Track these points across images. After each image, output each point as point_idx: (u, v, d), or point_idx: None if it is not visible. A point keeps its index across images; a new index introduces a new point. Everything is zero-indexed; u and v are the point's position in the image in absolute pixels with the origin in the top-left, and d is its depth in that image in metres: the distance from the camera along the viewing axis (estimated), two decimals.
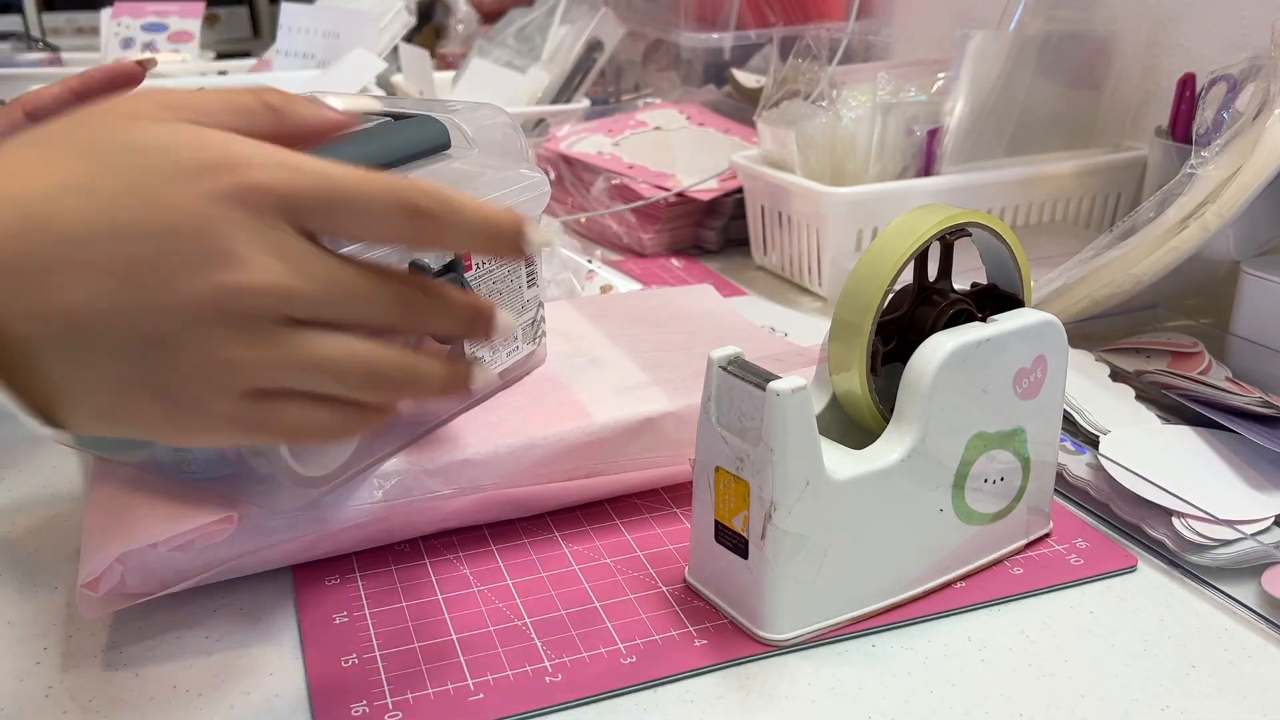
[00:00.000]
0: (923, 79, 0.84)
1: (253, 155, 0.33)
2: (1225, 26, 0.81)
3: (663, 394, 0.54)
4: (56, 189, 0.31)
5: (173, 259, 0.32)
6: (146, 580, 0.45)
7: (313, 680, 0.43)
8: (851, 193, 0.80)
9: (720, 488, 0.44)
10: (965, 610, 0.47)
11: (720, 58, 1.22)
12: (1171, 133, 0.75)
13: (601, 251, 0.94)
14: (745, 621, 0.45)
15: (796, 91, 0.87)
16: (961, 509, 0.47)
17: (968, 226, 0.46)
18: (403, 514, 0.49)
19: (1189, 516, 0.50)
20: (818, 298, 0.86)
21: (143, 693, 0.42)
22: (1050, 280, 0.68)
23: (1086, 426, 0.58)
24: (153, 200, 0.32)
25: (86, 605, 0.44)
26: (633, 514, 0.54)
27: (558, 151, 1.03)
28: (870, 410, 0.47)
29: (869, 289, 0.45)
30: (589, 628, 0.45)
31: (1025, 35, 0.82)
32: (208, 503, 0.45)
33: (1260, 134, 0.61)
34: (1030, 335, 0.47)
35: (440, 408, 0.52)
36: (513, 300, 0.55)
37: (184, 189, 0.32)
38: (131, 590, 0.45)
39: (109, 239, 0.31)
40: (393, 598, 0.48)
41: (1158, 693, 0.42)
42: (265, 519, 0.46)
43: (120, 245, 0.31)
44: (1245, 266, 0.66)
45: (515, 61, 1.23)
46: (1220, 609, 0.47)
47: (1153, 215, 0.64)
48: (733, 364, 0.43)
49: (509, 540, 0.52)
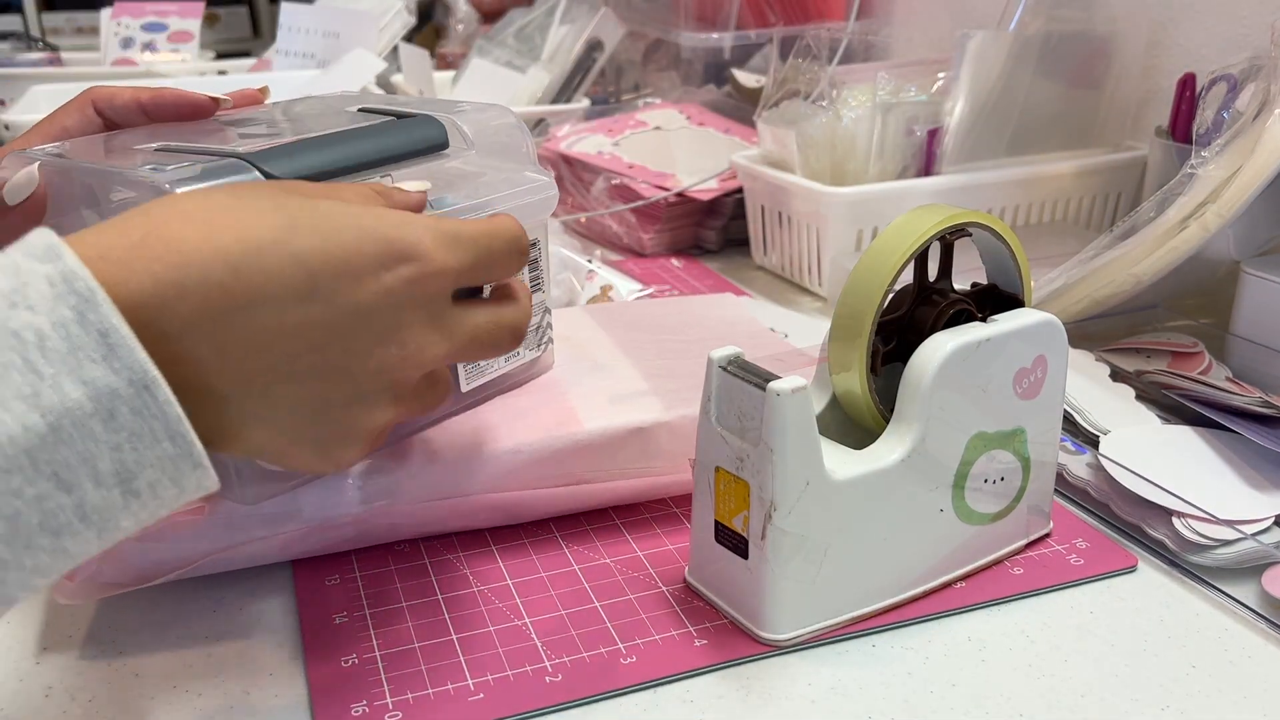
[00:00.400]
0: (923, 79, 0.84)
1: (424, 235, 0.36)
2: (1225, 26, 0.81)
3: (659, 403, 0.53)
4: (259, 245, 0.32)
5: (359, 334, 0.34)
6: (124, 571, 0.45)
7: (313, 680, 0.43)
8: (851, 193, 0.80)
9: (720, 488, 0.44)
10: (965, 610, 0.47)
11: (720, 58, 1.22)
12: (1171, 133, 0.75)
13: (601, 251, 0.94)
14: (745, 621, 0.45)
15: (796, 91, 0.87)
16: (961, 509, 0.47)
17: (968, 226, 0.46)
18: (383, 516, 0.49)
19: (1189, 516, 0.50)
20: (818, 298, 0.86)
21: (143, 693, 0.42)
22: (1050, 280, 0.68)
23: (1086, 426, 0.58)
24: (341, 269, 0.34)
25: (62, 593, 0.44)
26: (633, 514, 0.54)
27: (558, 151, 1.03)
28: (870, 410, 0.47)
29: (869, 289, 0.45)
30: (589, 628, 0.45)
31: (1025, 35, 0.82)
32: None
33: (1260, 134, 0.61)
34: (1030, 335, 0.47)
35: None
36: None
37: (370, 266, 0.34)
38: (109, 580, 0.45)
39: (305, 302, 0.33)
40: (393, 598, 0.48)
41: (1158, 693, 0.42)
42: (241, 516, 0.46)
43: (314, 311, 0.33)
44: (1245, 266, 0.66)
45: (515, 61, 1.23)
46: (1220, 609, 0.47)
47: (1153, 215, 0.64)
48: (733, 364, 0.43)
49: (509, 540, 0.52)
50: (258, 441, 0.34)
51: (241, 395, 0.33)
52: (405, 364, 0.36)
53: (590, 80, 1.22)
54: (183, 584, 0.49)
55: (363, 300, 0.34)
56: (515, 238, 0.40)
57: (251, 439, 0.34)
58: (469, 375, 0.52)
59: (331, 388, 0.35)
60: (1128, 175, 0.89)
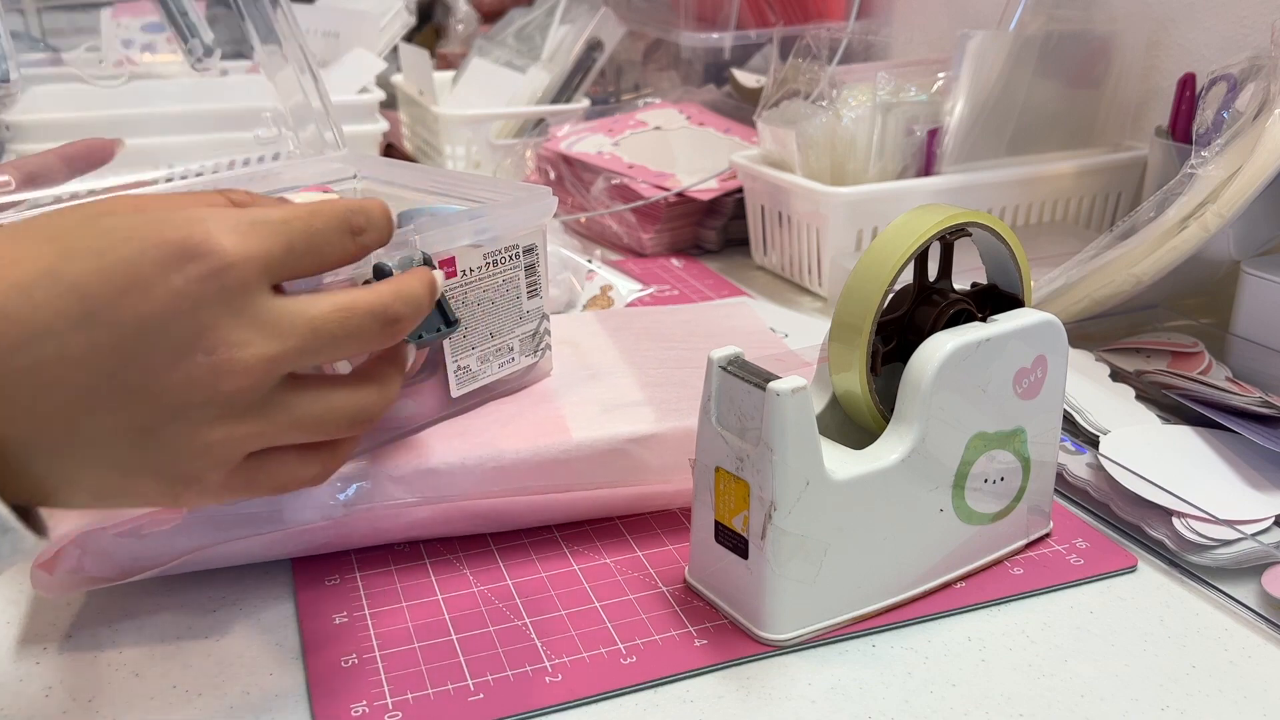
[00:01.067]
0: (923, 79, 0.84)
1: (214, 228, 0.33)
2: (1225, 26, 0.81)
3: (652, 414, 0.52)
4: (26, 280, 0.31)
5: (154, 348, 0.32)
6: (105, 565, 0.45)
7: (313, 680, 0.43)
8: (851, 193, 0.80)
9: (720, 488, 0.44)
10: (965, 610, 0.47)
11: (720, 57, 1.22)
12: (1171, 133, 0.75)
13: (601, 251, 0.94)
14: (745, 621, 0.45)
15: (796, 91, 0.87)
16: (962, 509, 0.47)
17: (968, 226, 0.46)
18: (365, 519, 0.48)
19: (1189, 516, 0.50)
20: (818, 298, 0.86)
21: (143, 693, 0.42)
22: (1050, 280, 0.68)
23: (1086, 426, 0.58)
24: (124, 285, 0.31)
25: (40, 585, 0.44)
26: (633, 515, 0.54)
27: (558, 151, 1.03)
28: (870, 410, 0.47)
29: (869, 289, 0.45)
30: (589, 628, 0.45)
31: (1025, 35, 0.82)
32: None
33: (1260, 134, 0.61)
34: (1030, 335, 0.47)
35: (416, 415, 0.51)
36: (509, 312, 0.54)
37: (154, 274, 0.32)
38: (90, 574, 0.45)
39: (85, 328, 0.31)
40: (393, 598, 0.48)
41: (1158, 693, 0.42)
42: (221, 515, 0.46)
43: (98, 335, 0.31)
44: (1245, 266, 0.66)
45: (515, 61, 1.23)
46: (1220, 609, 0.47)
47: (1153, 215, 0.64)
48: (733, 364, 0.43)
49: (509, 540, 0.52)
50: (90, 484, 0.33)
51: (45, 439, 0.31)
52: (220, 371, 0.33)
53: (590, 80, 1.22)
54: (182, 584, 0.49)
55: (150, 312, 0.31)
56: (340, 216, 0.36)
57: (81, 482, 0.32)
58: (459, 381, 0.52)
59: (142, 411, 0.32)
60: (1128, 175, 0.89)
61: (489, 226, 0.52)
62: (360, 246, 0.37)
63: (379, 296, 0.37)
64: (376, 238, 0.39)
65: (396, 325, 0.38)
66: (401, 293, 0.38)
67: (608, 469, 0.51)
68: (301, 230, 0.35)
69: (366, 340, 0.37)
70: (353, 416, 0.37)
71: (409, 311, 0.38)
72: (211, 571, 0.49)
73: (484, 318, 0.53)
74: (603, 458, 0.51)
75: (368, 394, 0.38)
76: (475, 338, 0.53)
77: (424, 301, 0.39)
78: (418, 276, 0.40)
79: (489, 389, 0.55)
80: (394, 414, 0.51)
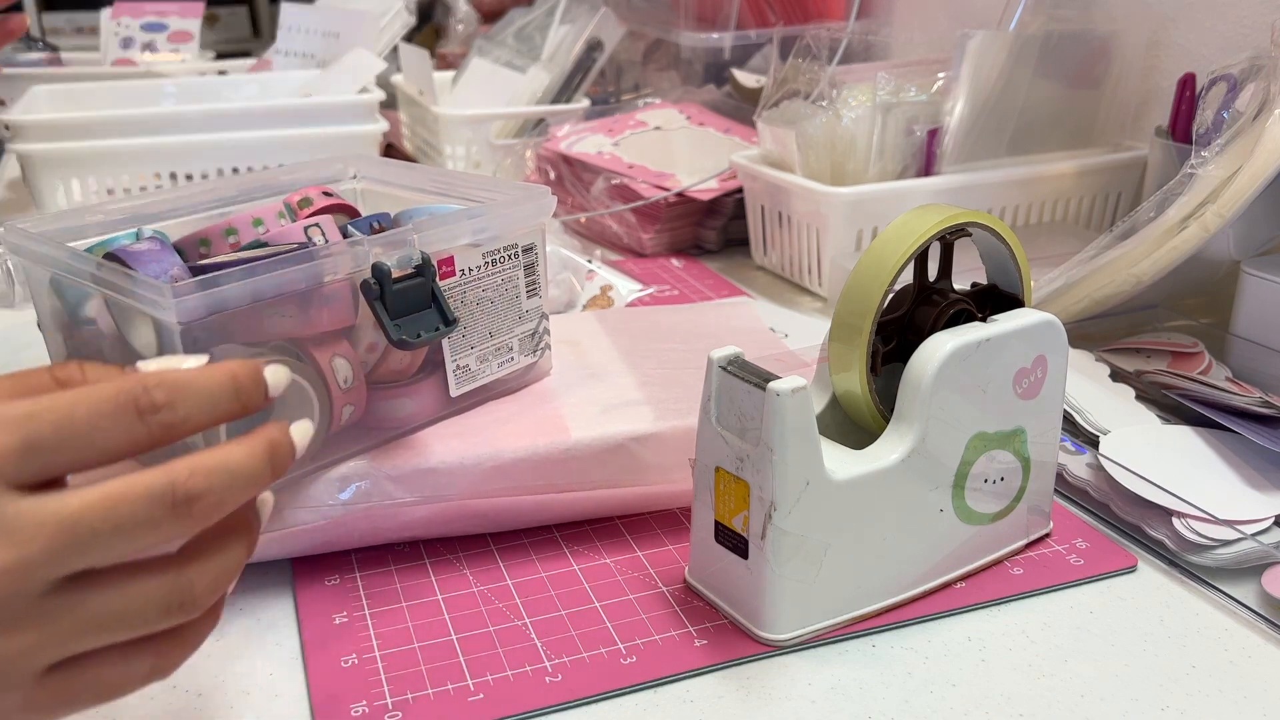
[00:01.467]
0: (923, 79, 0.84)
1: None
2: (1225, 26, 0.81)
3: (650, 414, 0.52)
4: None
5: None
6: None
7: (313, 680, 0.43)
8: (851, 193, 0.80)
9: (720, 488, 0.44)
10: (965, 610, 0.47)
11: (720, 58, 1.22)
12: (1171, 133, 0.75)
13: (601, 251, 0.94)
14: (745, 621, 0.45)
15: (796, 91, 0.87)
16: (962, 509, 0.47)
17: (968, 226, 0.46)
18: (363, 519, 0.48)
19: (1189, 516, 0.50)
20: (818, 298, 0.86)
21: (143, 692, 0.42)
22: (1050, 280, 0.68)
23: (1086, 426, 0.58)
24: None
25: None
26: (633, 515, 0.54)
27: (558, 151, 1.03)
28: (870, 410, 0.47)
29: (869, 289, 0.45)
30: (589, 628, 0.45)
31: (1025, 35, 0.82)
32: None
33: (1260, 134, 0.61)
34: (1030, 335, 0.47)
35: (415, 414, 0.51)
36: (508, 311, 0.54)
37: None
38: None
39: None
40: (393, 598, 0.48)
41: (1158, 693, 0.42)
42: None
43: None
44: (1245, 266, 0.66)
45: (515, 61, 1.23)
46: (1220, 609, 0.47)
47: (1153, 215, 0.64)
48: (733, 364, 0.43)
49: (509, 540, 0.52)
50: None
51: None
52: None
53: (590, 80, 1.22)
54: None
55: None
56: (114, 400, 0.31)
57: None
58: (458, 380, 0.52)
59: None
60: (1128, 175, 0.89)
61: (487, 226, 0.52)
62: (163, 427, 0.32)
63: (164, 475, 0.32)
64: (194, 416, 0.33)
65: (195, 505, 0.32)
66: (200, 466, 0.32)
67: (607, 469, 0.51)
68: (51, 422, 0.30)
69: (155, 529, 0.31)
70: (168, 605, 0.32)
71: (211, 485, 0.32)
72: None
73: (483, 317, 0.53)
74: (602, 457, 0.51)
75: (190, 574, 0.33)
76: (474, 337, 0.53)
77: (237, 471, 0.33)
78: (233, 446, 0.34)
79: (488, 388, 0.55)
80: (393, 414, 0.51)
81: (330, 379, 0.47)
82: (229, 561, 0.34)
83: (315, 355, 0.46)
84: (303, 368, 0.46)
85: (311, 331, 0.46)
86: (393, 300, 0.47)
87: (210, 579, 0.33)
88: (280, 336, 0.46)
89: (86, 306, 0.49)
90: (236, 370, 0.34)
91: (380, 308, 0.46)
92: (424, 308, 0.48)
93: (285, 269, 0.44)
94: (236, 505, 0.33)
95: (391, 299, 0.47)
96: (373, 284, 0.46)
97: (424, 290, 0.48)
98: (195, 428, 0.33)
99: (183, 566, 0.33)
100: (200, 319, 0.42)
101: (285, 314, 0.45)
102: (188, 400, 0.33)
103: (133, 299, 0.43)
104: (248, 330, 0.45)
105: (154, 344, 0.46)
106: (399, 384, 0.51)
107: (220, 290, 0.42)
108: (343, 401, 0.48)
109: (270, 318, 0.45)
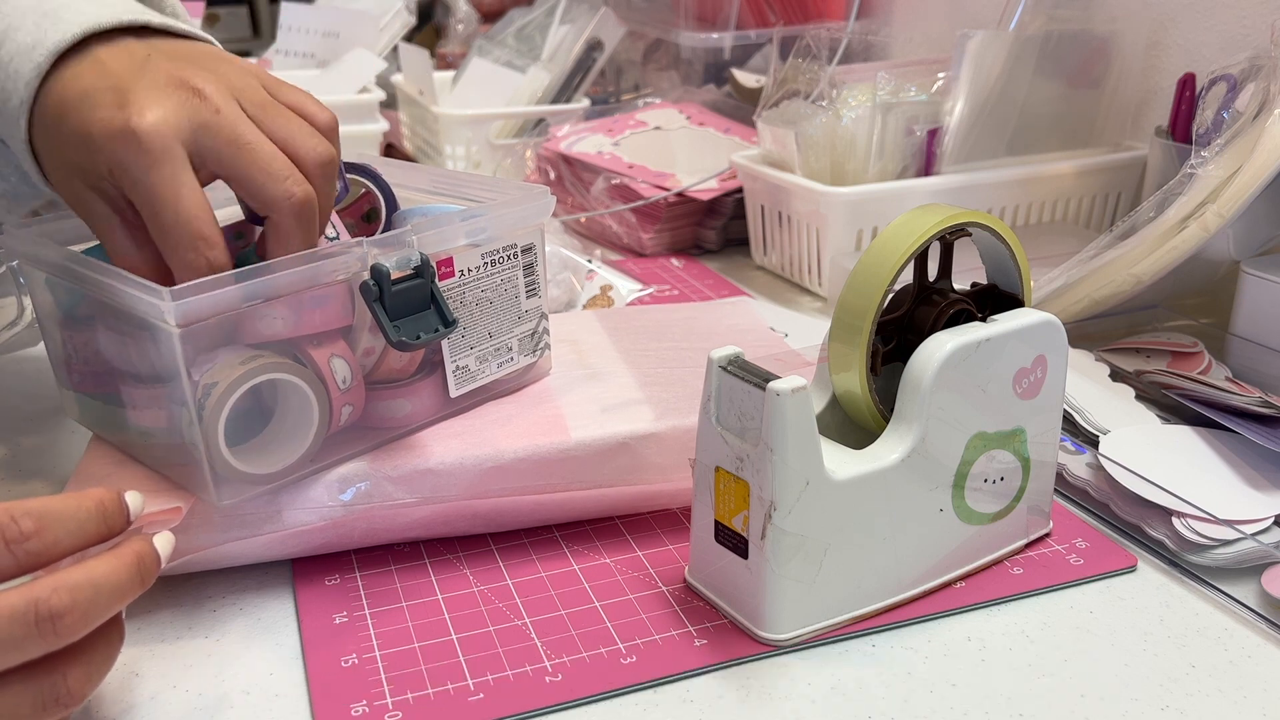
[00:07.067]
0: (923, 79, 0.84)
1: None
2: (1225, 26, 0.81)
3: (650, 413, 0.52)
4: None
5: None
6: None
7: (313, 680, 0.43)
8: (851, 193, 0.80)
9: (720, 488, 0.44)
10: (965, 610, 0.47)
11: (720, 57, 1.22)
12: (1171, 133, 0.75)
13: (601, 251, 0.94)
14: (745, 621, 0.45)
15: (796, 91, 0.87)
16: (961, 509, 0.47)
17: (968, 226, 0.46)
18: (364, 520, 0.48)
19: (1189, 516, 0.50)
20: (818, 298, 0.86)
21: (143, 692, 0.42)
22: (1050, 280, 0.68)
23: (1086, 426, 0.58)
24: None
25: None
26: (633, 514, 0.54)
27: (558, 151, 1.03)
28: (870, 410, 0.47)
29: (869, 289, 0.45)
30: (589, 628, 0.45)
31: (1025, 35, 0.82)
32: (169, 493, 0.46)
33: (1260, 134, 0.61)
34: (1030, 335, 0.47)
35: (414, 415, 0.51)
36: (508, 311, 0.54)
37: None
38: None
39: None
40: (393, 597, 0.48)
41: (1158, 693, 0.42)
42: (220, 515, 0.46)
43: None
44: (1245, 266, 0.66)
45: (515, 61, 1.23)
46: (1220, 609, 0.47)
47: (1153, 215, 0.64)
48: (733, 364, 0.43)
49: (509, 540, 0.52)
50: None
51: None
52: None
53: (590, 80, 1.22)
54: (183, 584, 0.49)
55: None
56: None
57: None
58: (458, 380, 0.52)
59: None
60: (1128, 175, 0.89)
61: (486, 226, 0.52)
62: (30, 555, 0.32)
63: (26, 595, 0.32)
64: (63, 541, 0.33)
65: (59, 622, 0.32)
66: (64, 583, 0.32)
67: (607, 468, 0.51)
68: None
69: (18, 648, 0.32)
70: (44, 704, 0.33)
71: (75, 601, 0.32)
72: (211, 571, 0.49)
73: (482, 318, 0.53)
74: (602, 457, 0.51)
75: (63, 671, 0.33)
76: (473, 338, 0.53)
77: (102, 585, 0.33)
78: (98, 561, 0.34)
79: (488, 389, 0.55)
80: (392, 414, 0.51)
81: (329, 379, 0.47)
82: (100, 656, 0.35)
83: (313, 356, 0.46)
84: (301, 369, 0.46)
85: (309, 332, 0.46)
86: (392, 301, 0.47)
87: (83, 672, 0.34)
88: (278, 338, 0.46)
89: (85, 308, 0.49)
90: (102, 497, 0.36)
91: (379, 309, 0.46)
92: (423, 309, 0.48)
93: (284, 271, 0.44)
94: (105, 618, 0.34)
95: (390, 300, 0.47)
96: (372, 285, 0.46)
97: (423, 291, 0.48)
98: (64, 553, 0.34)
99: (54, 665, 0.33)
100: (198, 322, 0.42)
101: (283, 315, 0.45)
102: (54, 527, 0.33)
103: (131, 302, 0.43)
104: (246, 332, 0.45)
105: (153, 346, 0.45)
106: (398, 384, 0.51)
107: (218, 293, 0.42)
108: (342, 402, 0.48)
109: (268, 319, 0.45)
